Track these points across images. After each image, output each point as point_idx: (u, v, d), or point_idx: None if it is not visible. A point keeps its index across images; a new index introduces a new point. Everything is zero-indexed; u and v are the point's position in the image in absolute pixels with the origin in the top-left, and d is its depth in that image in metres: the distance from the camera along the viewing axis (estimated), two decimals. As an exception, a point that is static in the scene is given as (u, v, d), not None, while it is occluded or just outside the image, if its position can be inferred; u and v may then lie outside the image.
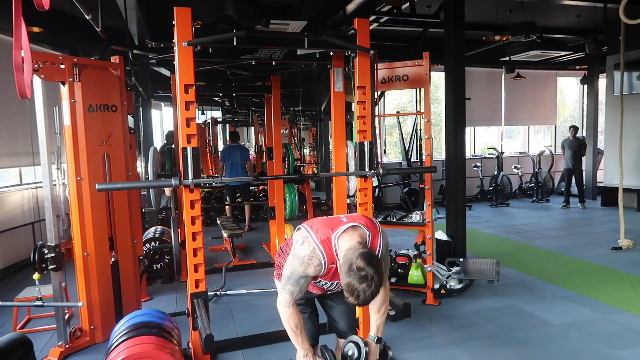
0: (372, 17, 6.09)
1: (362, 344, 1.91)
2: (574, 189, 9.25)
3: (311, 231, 1.90)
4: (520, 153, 11.29)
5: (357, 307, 2.62)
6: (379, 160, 4.16)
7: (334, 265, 1.89)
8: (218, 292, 4.46)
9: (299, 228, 1.97)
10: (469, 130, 10.66)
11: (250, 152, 10.47)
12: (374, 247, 1.89)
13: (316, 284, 2.05)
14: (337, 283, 2.01)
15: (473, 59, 8.93)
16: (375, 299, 1.97)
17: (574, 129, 9.04)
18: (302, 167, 11.97)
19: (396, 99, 14.55)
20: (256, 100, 8.55)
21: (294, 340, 1.96)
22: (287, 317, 1.95)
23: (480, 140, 12.12)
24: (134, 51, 4.66)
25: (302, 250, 1.87)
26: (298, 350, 1.97)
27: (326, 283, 2.02)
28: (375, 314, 2.04)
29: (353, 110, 3.62)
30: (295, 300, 1.94)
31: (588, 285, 4.48)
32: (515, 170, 10.37)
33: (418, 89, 7.84)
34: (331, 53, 3.36)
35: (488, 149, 10.78)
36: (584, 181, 9.29)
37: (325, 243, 1.85)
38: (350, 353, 1.93)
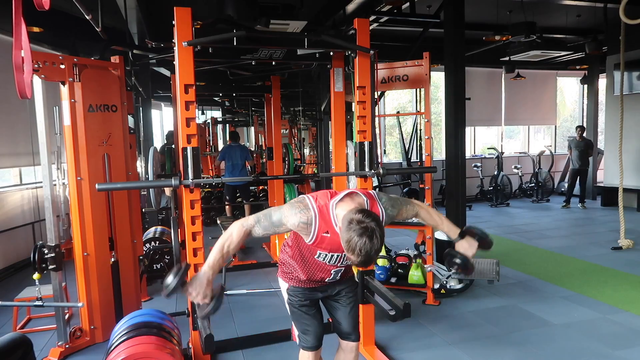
0: (372, 17, 6.09)
1: (454, 252, 2.01)
2: (576, 189, 9.24)
3: (311, 198, 1.92)
4: (520, 153, 11.29)
5: (359, 307, 2.59)
6: (379, 160, 4.16)
7: (328, 235, 1.87)
8: (218, 292, 4.45)
9: (301, 196, 1.98)
10: (469, 130, 10.66)
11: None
12: (376, 212, 1.88)
13: (317, 258, 2.01)
14: (339, 256, 1.98)
15: (473, 59, 8.92)
16: (428, 219, 2.11)
17: (581, 129, 9.02)
18: (302, 167, 11.95)
19: (396, 99, 14.54)
20: (256, 100, 8.54)
21: (214, 254, 1.84)
22: (232, 233, 1.87)
23: (480, 140, 12.12)
24: (134, 51, 4.66)
25: (297, 206, 1.89)
26: (206, 263, 1.83)
27: (326, 256, 1.98)
28: (439, 227, 2.14)
29: (353, 110, 3.63)
30: (252, 232, 1.89)
31: (588, 285, 4.48)
32: (515, 170, 10.37)
33: (418, 89, 7.84)
34: (331, 53, 3.36)
35: (488, 149, 10.77)
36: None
37: (322, 208, 1.86)
38: (456, 264, 2.02)
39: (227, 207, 7.84)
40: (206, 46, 3.01)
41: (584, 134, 9.05)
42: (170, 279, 1.76)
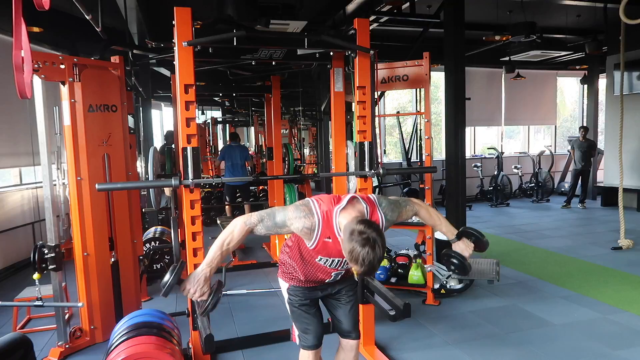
0: (372, 17, 6.09)
1: (451, 253, 2.08)
2: (578, 190, 9.23)
3: (315, 203, 1.92)
4: (520, 153, 11.29)
5: (359, 307, 2.59)
6: (379, 160, 4.16)
7: (330, 241, 1.89)
8: (218, 292, 4.45)
9: (306, 200, 1.99)
10: (469, 130, 10.65)
11: (250, 151, 10.46)
12: (376, 220, 1.92)
13: (318, 261, 2.02)
14: (339, 261, 1.99)
15: (473, 59, 8.92)
16: (428, 219, 2.17)
17: (585, 129, 9.01)
18: (302, 167, 11.96)
19: (396, 99, 14.54)
20: (256, 100, 8.55)
21: (213, 250, 1.86)
22: (233, 231, 1.88)
23: (480, 140, 12.11)
24: (134, 51, 4.66)
25: (302, 209, 1.89)
26: (204, 261, 1.87)
27: (327, 260, 1.99)
28: (438, 227, 2.20)
29: (353, 110, 3.63)
30: (254, 230, 1.90)
31: (588, 285, 4.48)
32: (515, 170, 10.37)
33: (418, 89, 7.84)
34: (331, 53, 3.36)
35: (488, 149, 10.77)
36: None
37: (326, 214, 1.87)
38: (453, 264, 2.09)
39: (227, 207, 7.85)
40: (206, 46, 3.01)
41: (587, 135, 9.04)
42: (167, 277, 1.78)
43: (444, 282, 4.17)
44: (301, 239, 1.99)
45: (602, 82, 9.97)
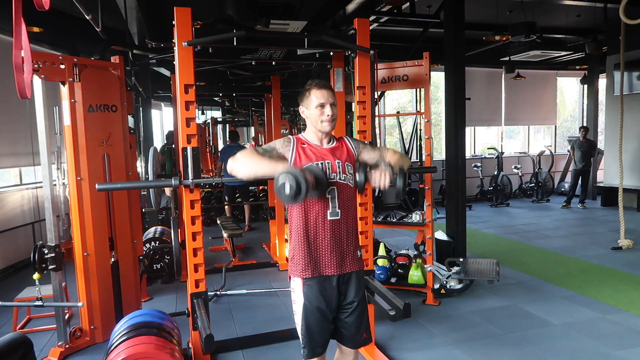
0: (372, 17, 6.09)
1: (368, 167, 2.08)
2: (578, 190, 9.23)
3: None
4: (520, 153, 11.29)
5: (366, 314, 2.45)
6: (379, 160, 4.15)
7: (305, 145, 2.11)
8: (218, 292, 4.46)
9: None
10: (469, 130, 10.65)
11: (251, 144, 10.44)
12: (342, 141, 2.19)
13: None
14: (323, 164, 2.08)
15: (473, 59, 8.92)
16: (390, 157, 2.18)
17: (585, 129, 9.01)
18: (302, 167, 11.92)
19: (396, 99, 14.54)
20: (256, 100, 8.55)
21: (267, 166, 2.01)
22: (249, 154, 2.05)
23: (480, 140, 12.11)
24: (134, 51, 4.66)
25: (281, 140, 2.17)
26: (277, 170, 1.94)
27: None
28: (389, 159, 2.17)
29: (353, 110, 3.63)
30: (256, 149, 2.13)
31: (588, 285, 4.48)
32: (515, 170, 10.37)
33: (418, 89, 7.85)
34: (331, 53, 3.36)
35: (488, 149, 10.77)
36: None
37: (297, 135, 2.18)
38: (359, 171, 2.11)
39: (226, 207, 7.85)
40: (206, 46, 3.02)
41: (587, 135, 9.04)
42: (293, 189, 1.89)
43: (444, 282, 4.17)
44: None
45: (602, 82, 9.97)
